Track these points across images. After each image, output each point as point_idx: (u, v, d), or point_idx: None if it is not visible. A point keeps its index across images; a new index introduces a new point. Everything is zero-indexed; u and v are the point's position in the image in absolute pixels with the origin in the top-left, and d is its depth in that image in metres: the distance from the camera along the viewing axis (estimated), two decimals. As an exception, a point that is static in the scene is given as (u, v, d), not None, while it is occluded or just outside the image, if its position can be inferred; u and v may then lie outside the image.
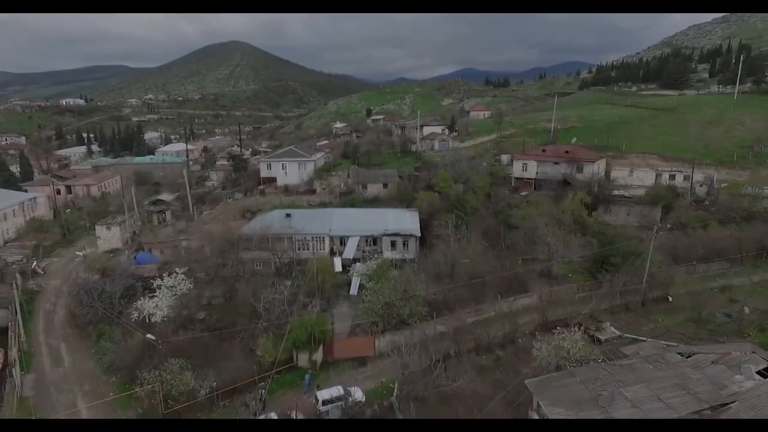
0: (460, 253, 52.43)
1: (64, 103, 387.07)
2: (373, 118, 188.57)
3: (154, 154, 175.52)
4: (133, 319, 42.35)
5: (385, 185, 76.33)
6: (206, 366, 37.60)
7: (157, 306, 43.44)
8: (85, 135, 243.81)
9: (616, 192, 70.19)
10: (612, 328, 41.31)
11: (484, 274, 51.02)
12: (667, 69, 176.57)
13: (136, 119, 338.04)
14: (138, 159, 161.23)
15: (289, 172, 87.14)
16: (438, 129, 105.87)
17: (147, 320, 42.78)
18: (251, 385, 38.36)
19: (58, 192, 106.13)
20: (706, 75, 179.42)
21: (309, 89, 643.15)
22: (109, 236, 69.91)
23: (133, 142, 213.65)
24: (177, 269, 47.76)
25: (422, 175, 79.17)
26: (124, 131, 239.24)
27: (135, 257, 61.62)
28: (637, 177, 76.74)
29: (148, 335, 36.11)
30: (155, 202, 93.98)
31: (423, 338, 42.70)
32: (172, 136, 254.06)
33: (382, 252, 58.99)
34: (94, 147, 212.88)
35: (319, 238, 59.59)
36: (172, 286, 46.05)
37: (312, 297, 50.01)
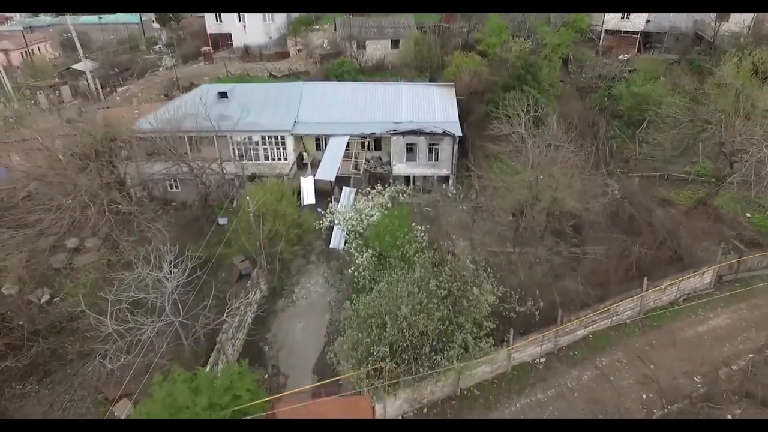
0: (540, 169, 25.99)
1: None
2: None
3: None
4: None
5: (396, 43, 47.03)
6: None
7: None
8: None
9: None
10: None
11: (596, 223, 25.51)
12: None
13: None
14: (84, 19, 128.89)
15: (250, 24, 56.77)
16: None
17: None
18: None
19: (-34, 60, 77.93)
20: None
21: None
22: (-49, 128, 43.76)
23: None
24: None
25: (455, 27, 49.18)
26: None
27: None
28: (809, 31, 46.55)
29: None
30: (63, 73, 65.88)
31: (483, 387, 18.84)
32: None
33: (390, 163, 32.83)
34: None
35: (276, 138, 32.77)
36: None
37: (253, 264, 25.34)
